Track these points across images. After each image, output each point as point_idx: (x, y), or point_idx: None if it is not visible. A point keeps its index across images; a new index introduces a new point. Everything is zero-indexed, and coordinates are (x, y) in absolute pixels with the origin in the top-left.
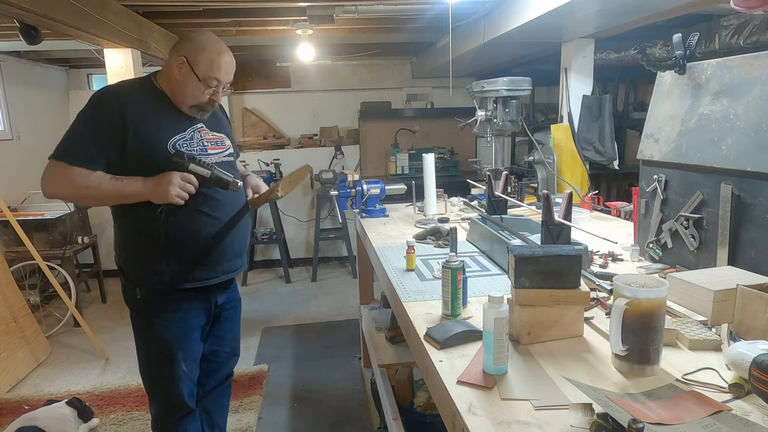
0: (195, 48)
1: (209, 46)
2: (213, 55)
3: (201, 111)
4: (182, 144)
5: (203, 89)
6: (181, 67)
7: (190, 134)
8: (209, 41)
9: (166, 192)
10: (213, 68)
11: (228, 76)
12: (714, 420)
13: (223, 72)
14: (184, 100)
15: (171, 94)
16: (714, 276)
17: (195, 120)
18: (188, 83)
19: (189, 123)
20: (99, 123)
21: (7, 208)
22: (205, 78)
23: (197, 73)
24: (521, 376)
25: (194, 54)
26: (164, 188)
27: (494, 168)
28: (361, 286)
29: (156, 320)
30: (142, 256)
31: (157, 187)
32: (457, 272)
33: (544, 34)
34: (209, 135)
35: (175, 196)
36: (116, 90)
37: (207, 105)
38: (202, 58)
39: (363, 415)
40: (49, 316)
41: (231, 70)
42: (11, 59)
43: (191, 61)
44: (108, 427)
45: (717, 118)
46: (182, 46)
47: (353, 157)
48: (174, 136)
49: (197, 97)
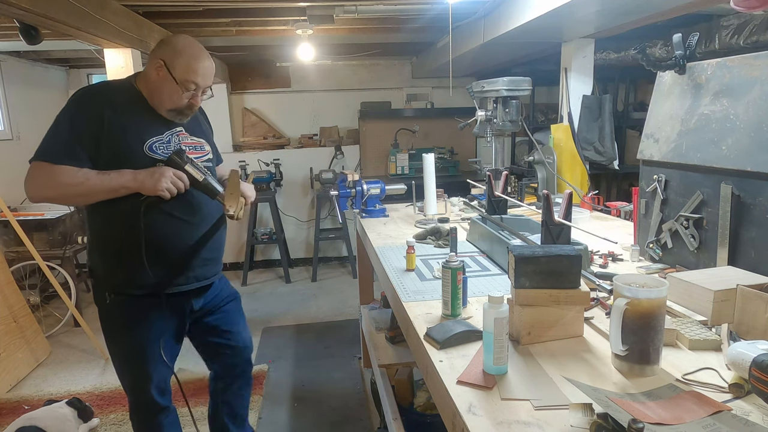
0: (173, 51)
1: (187, 50)
2: (190, 59)
3: (179, 115)
4: (159, 146)
5: (181, 92)
6: (159, 70)
7: (168, 137)
8: (187, 45)
9: (158, 183)
10: (190, 72)
11: (206, 80)
12: (714, 420)
13: (201, 76)
14: (162, 104)
15: (149, 97)
16: (714, 276)
17: (173, 123)
18: (166, 86)
19: (167, 126)
20: (78, 122)
21: (7, 208)
22: (183, 81)
23: (175, 76)
24: (521, 376)
25: (172, 57)
26: (156, 179)
27: (494, 168)
28: (361, 286)
29: (123, 324)
30: (111, 259)
31: (149, 177)
32: (457, 272)
33: (544, 34)
34: (188, 139)
35: (165, 188)
36: (94, 90)
37: (185, 109)
38: (180, 61)
39: (363, 415)
40: (49, 316)
41: (209, 74)
42: (11, 59)
43: (169, 64)
44: (108, 427)
45: (717, 118)
46: (161, 49)
47: (353, 157)
48: (151, 138)
49: (175, 101)
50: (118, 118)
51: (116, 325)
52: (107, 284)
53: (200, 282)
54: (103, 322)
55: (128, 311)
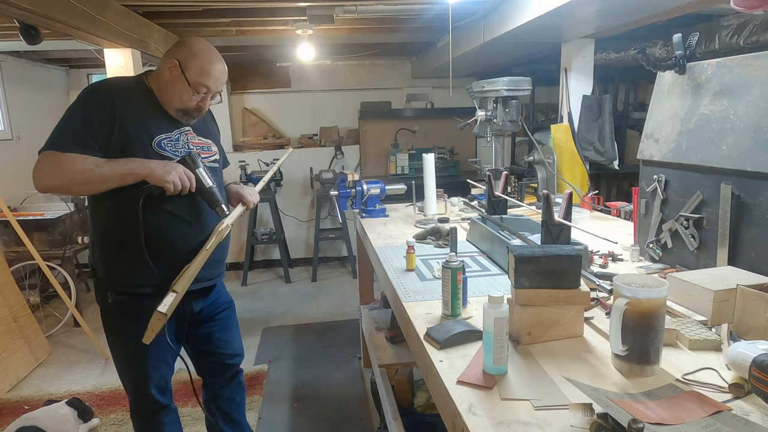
0: (188, 53)
1: (202, 54)
2: (205, 62)
3: (187, 116)
4: (167, 144)
5: (191, 94)
6: (173, 69)
7: (177, 136)
8: (203, 49)
9: (167, 173)
10: (203, 75)
11: (217, 85)
12: (714, 420)
13: (213, 80)
14: (171, 103)
15: (159, 96)
16: (714, 276)
17: (182, 123)
18: (177, 86)
19: (175, 125)
20: (90, 113)
21: (7, 208)
22: (195, 83)
23: (188, 77)
24: (521, 376)
25: (187, 59)
26: (167, 170)
27: (494, 168)
28: (361, 286)
29: (124, 323)
30: (114, 254)
31: (160, 167)
32: (457, 272)
33: (544, 34)
34: (196, 139)
35: (172, 181)
36: (107, 84)
37: (193, 111)
38: (194, 63)
39: (363, 415)
40: (49, 316)
41: (221, 78)
42: (11, 59)
43: (183, 65)
44: (108, 427)
45: (717, 118)
46: (177, 50)
47: (353, 157)
48: (159, 135)
49: (185, 102)
50: (129, 112)
51: (117, 324)
52: (109, 283)
53: (202, 283)
54: (104, 321)
55: (129, 310)
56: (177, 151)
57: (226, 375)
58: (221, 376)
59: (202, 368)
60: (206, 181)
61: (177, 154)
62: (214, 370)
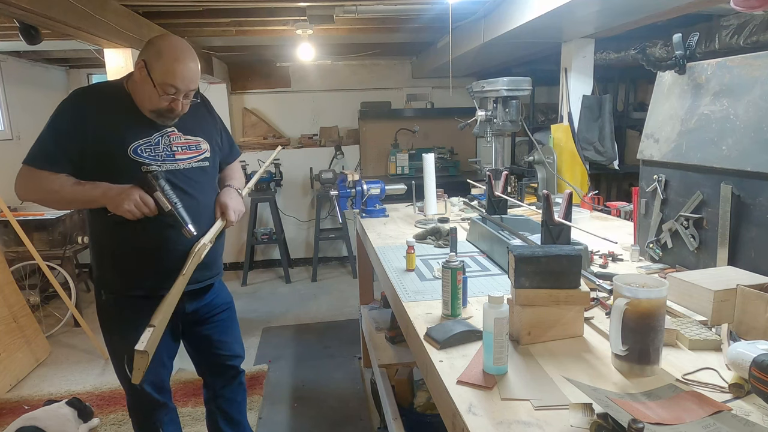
0: (155, 53)
1: (168, 53)
2: (170, 61)
3: (162, 117)
4: (145, 149)
5: (158, 95)
6: (141, 70)
7: (156, 139)
8: (169, 47)
9: (121, 203)
10: (168, 75)
11: (186, 84)
12: (714, 420)
13: (180, 79)
14: (143, 105)
15: (135, 98)
16: (714, 276)
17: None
18: (146, 88)
19: (155, 128)
20: (61, 125)
21: (7, 208)
22: (161, 84)
23: (153, 78)
24: (521, 376)
25: (152, 59)
26: (121, 199)
27: (494, 168)
28: (361, 286)
29: (118, 321)
30: (106, 262)
31: (116, 196)
32: (457, 272)
33: (544, 34)
34: (181, 139)
35: (127, 210)
36: (84, 94)
37: (166, 112)
38: (159, 63)
39: (363, 415)
40: (49, 316)
41: (190, 77)
42: (11, 59)
43: (149, 65)
44: (108, 427)
45: (717, 118)
46: (145, 49)
47: (353, 157)
48: (136, 141)
49: (154, 103)
50: (104, 120)
51: (112, 322)
52: (102, 282)
53: (192, 285)
54: (100, 319)
55: (123, 310)
56: (156, 156)
57: (227, 376)
58: (221, 376)
59: (202, 369)
60: (164, 204)
61: (156, 159)
62: (214, 371)
